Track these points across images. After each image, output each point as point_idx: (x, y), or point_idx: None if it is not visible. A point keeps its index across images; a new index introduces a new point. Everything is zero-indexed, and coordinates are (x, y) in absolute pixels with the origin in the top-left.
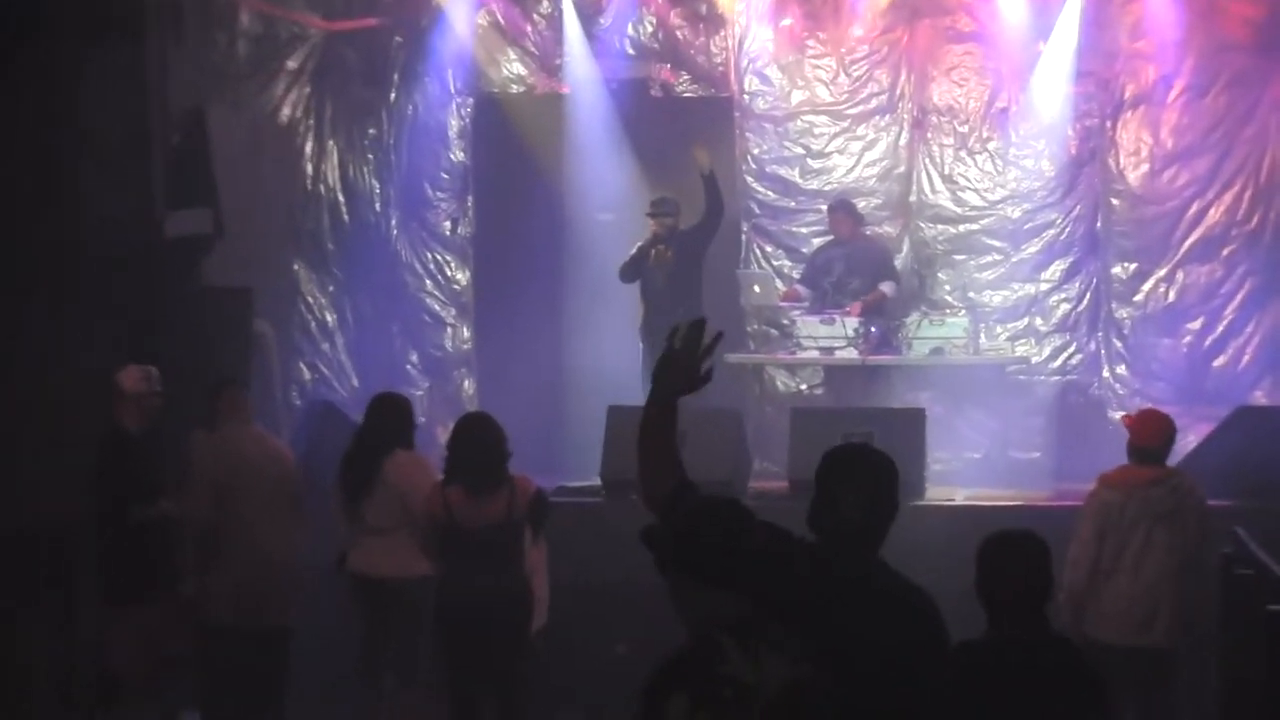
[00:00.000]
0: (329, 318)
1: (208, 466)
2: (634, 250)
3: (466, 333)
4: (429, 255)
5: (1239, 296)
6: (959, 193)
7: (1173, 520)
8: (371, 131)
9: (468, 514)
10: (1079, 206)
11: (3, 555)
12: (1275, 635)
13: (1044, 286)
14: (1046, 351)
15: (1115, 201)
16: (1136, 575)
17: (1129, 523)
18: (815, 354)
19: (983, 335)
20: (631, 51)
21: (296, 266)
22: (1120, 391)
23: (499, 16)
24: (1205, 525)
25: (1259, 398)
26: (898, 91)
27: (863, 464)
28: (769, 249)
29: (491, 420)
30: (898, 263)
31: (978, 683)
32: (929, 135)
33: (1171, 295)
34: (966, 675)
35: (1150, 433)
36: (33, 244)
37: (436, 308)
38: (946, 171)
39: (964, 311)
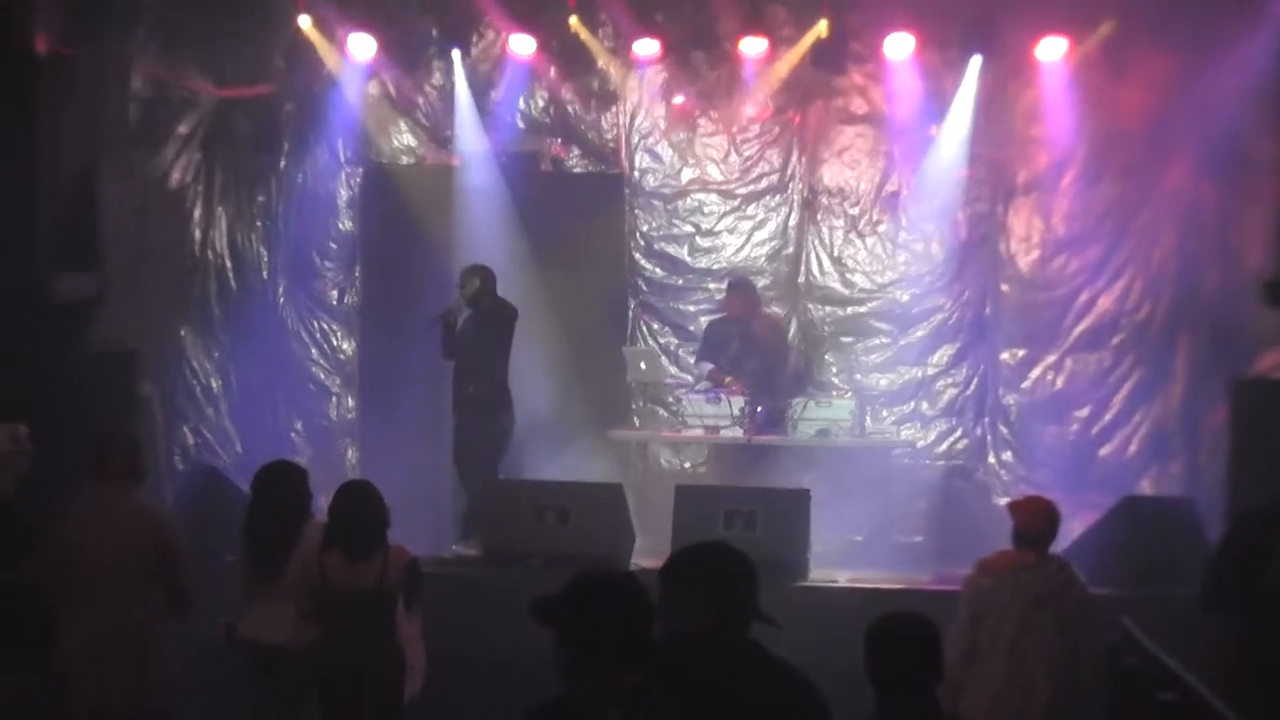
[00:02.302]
0: (214, 383)
1: (48, 538)
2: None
3: (351, 402)
4: (315, 324)
5: (1127, 386)
6: (848, 275)
7: (1049, 607)
8: (260, 199)
9: (342, 579)
10: (968, 291)
11: None
12: None
13: (931, 371)
14: (932, 436)
15: (1005, 287)
16: (1011, 662)
17: (1001, 608)
18: (700, 432)
19: (868, 418)
20: (522, 125)
21: (183, 331)
22: (1005, 478)
23: (390, 87)
24: (1087, 614)
25: (1145, 487)
26: (789, 172)
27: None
28: (656, 326)
29: (371, 488)
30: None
31: None
32: (819, 216)
33: (1059, 383)
34: None
35: (1031, 518)
36: None
37: (322, 376)
38: (836, 253)
39: (850, 394)
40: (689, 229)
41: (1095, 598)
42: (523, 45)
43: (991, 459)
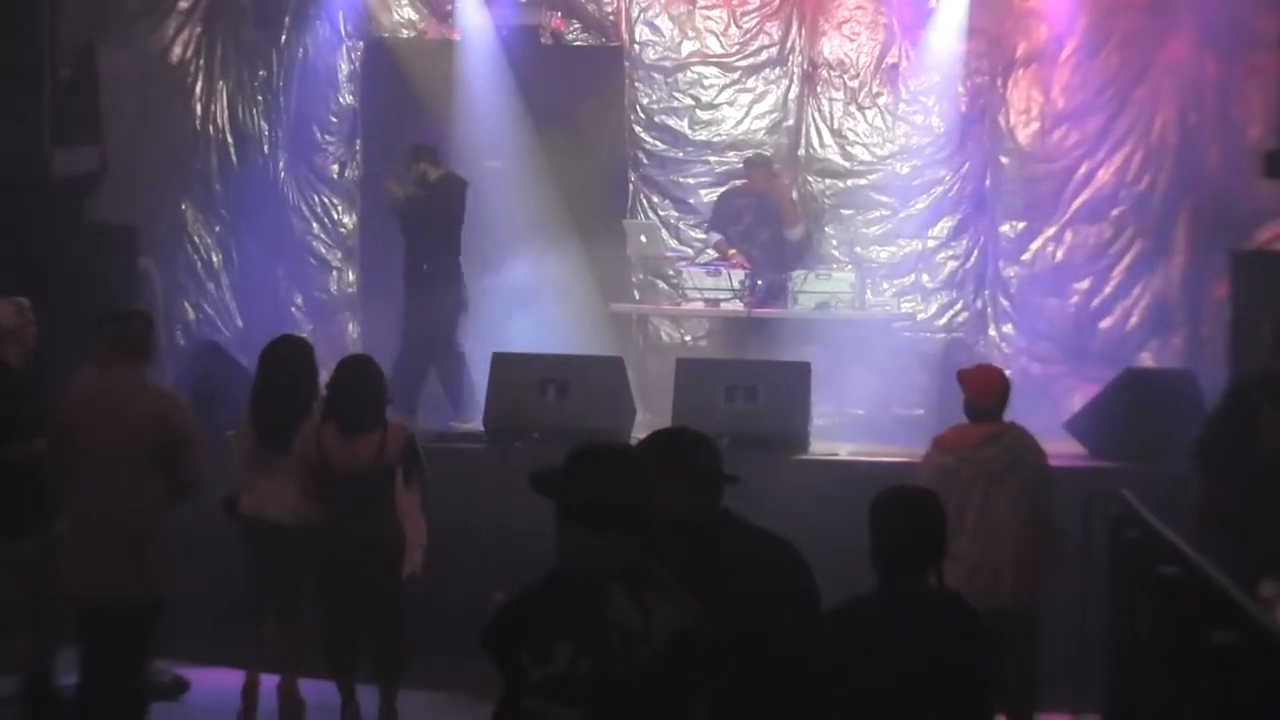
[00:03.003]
0: (215, 258)
1: (51, 413)
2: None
3: (352, 276)
4: (316, 198)
5: (1127, 258)
6: (848, 147)
7: (1009, 480)
8: (262, 73)
9: (339, 455)
10: (968, 164)
11: None
12: (1164, 598)
13: (931, 243)
14: (933, 309)
15: (1005, 160)
16: (977, 538)
17: (964, 486)
18: (700, 305)
19: (869, 291)
20: None
21: (184, 206)
22: (1006, 350)
23: None
24: (1045, 481)
25: (1146, 359)
26: (788, 44)
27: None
28: (656, 199)
29: (370, 363)
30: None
31: (870, 637)
32: (819, 89)
33: (1059, 255)
34: (858, 629)
35: (985, 391)
36: None
37: (322, 251)
38: (836, 126)
39: (850, 266)
40: (689, 102)
41: (1051, 465)
42: None
43: (992, 331)
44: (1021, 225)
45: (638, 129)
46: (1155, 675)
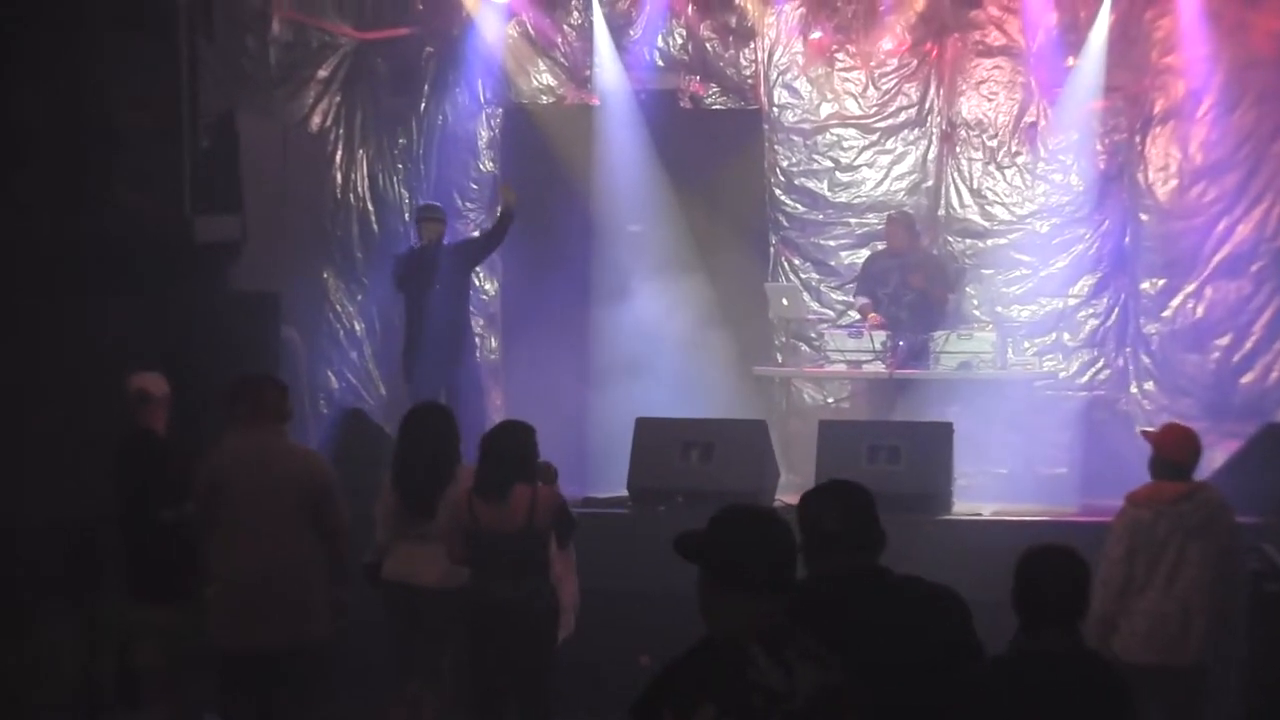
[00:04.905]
0: (357, 326)
1: (197, 478)
2: (403, 258)
3: (494, 343)
4: None
5: (1267, 313)
6: (987, 207)
7: (1203, 535)
8: (401, 141)
9: (490, 519)
10: (1107, 222)
11: (30, 550)
12: None
13: (1072, 302)
14: (1074, 367)
15: (1144, 217)
16: (1169, 592)
17: (1160, 540)
18: (843, 367)
19: (1010, 350)
20: (661, 63)
21: (326, 274)
22: (1148, 408)
23: (529, 27)
24: (1235, 539)
25: None
26: (927, 105)
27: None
28: (797, 262)
29: (515, 430)
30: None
31: (1009, 696)
32: (958, 149)
33: (1200, 311)
34: (997, 688)
35: (1176, 446)
36: (62, 243)
37: None
38: (975, 185)
39: (991, 326)
40: (828, 164)
41: (1239, 524)
42: None
43: (1134, 389)
44: (1161, 282)
45: (777, 191)
46: None
